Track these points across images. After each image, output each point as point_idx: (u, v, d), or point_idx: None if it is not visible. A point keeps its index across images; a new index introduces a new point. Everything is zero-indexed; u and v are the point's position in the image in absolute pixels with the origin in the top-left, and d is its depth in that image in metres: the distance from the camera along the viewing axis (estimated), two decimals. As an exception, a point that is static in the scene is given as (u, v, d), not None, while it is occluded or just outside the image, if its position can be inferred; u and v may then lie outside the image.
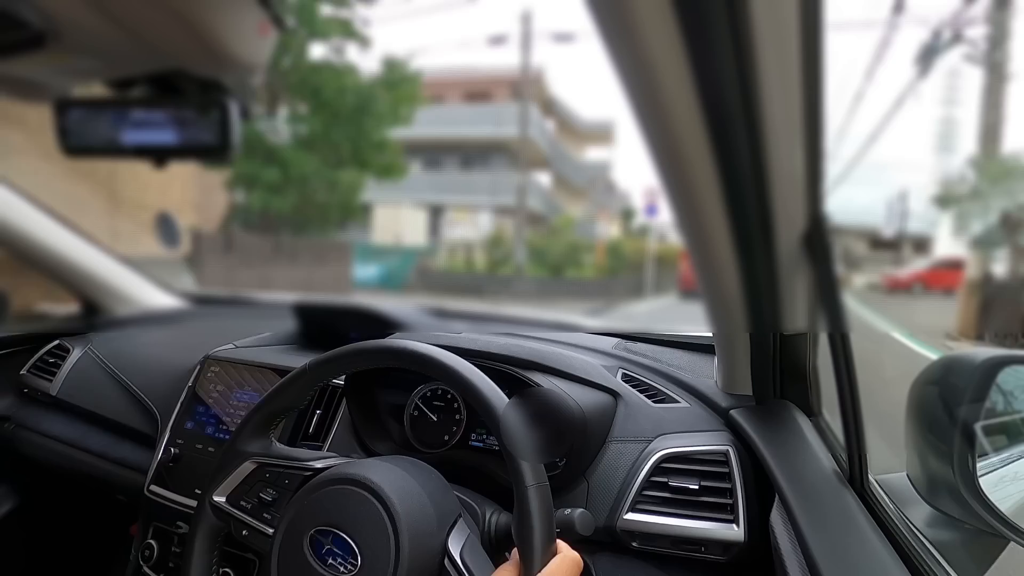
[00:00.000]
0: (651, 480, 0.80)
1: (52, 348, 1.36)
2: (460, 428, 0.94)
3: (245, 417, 0.74)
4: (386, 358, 0.72)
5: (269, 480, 0.72)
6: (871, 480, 0.68)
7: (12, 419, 1.32)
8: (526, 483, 0.59)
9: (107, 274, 1.35)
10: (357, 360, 0.72)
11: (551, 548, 0.58)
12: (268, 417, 0.74)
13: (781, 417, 0.83)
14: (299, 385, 0.74)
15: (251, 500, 0.72)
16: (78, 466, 1.23)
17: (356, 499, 0.63)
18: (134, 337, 1.35)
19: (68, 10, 0.39)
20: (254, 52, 0.45)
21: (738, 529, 0.76)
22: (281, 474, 0.72)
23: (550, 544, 0.58)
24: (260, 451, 0.74)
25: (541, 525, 0.58)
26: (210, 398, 1.09)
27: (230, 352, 1.15)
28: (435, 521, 0.63)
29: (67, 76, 0.49)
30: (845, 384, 0.63)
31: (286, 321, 1.28)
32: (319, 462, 0.71)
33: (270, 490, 0.72)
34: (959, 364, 0.65)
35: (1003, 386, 0.63)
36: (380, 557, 0.60)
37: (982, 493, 0.61)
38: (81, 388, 1.27)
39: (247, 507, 0.72)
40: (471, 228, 16.43)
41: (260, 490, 0.72)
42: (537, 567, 0.56)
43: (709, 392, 0.93)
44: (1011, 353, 0.64)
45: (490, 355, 0.92)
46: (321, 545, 0.62)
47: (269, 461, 0.73)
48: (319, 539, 0.62)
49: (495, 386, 0.65)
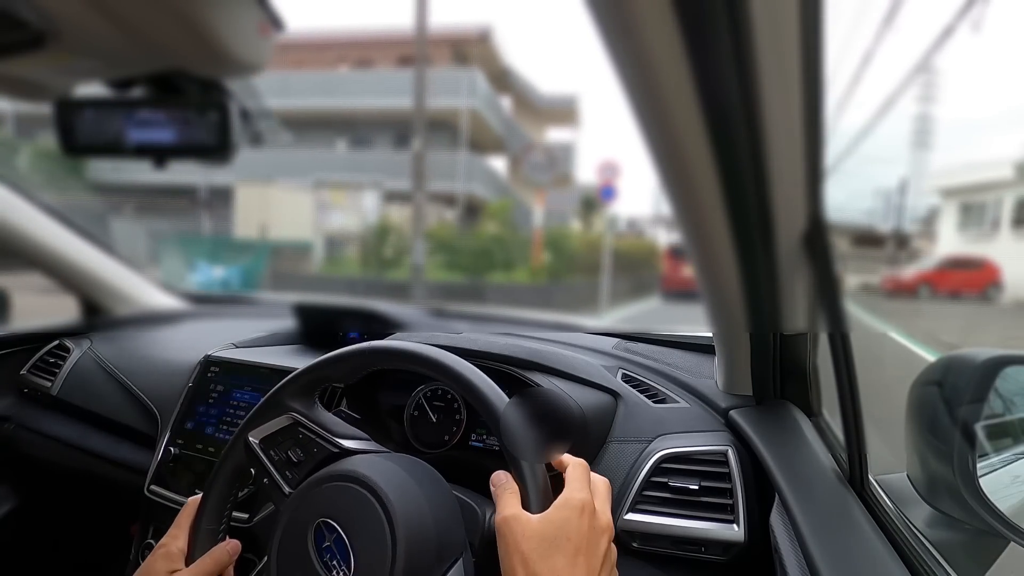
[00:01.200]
0: (651, 480, 0.80)
1: (52, 348, 1.36)
2: (460, 428, 0.94)
3: (295, 373, 0.73)
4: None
5: (301, 442, 0.72)
6: (871, 480, 0.68)
7: (12, 419, 1.32)
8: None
9: (107, 274, 1.35)
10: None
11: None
12: (314, 381, 0.73)
13: (781, 417, 0.83)
14: (352, 364, 0.73)
15: (280, 454, 0.72)
16: (78, 466, 1.23)
17: (357, 499, 0.63)
18: (134, 337, 1.35)
19: (68, 10, 0.39)
20: (254, 52, 0.45)
21: (738, 529, 0.76)
22: (312, 440, 0.71)
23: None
24: (301, 409, 0.73)
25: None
26: (210, 398, 1.09)
27: (230, 352, 1.15)
28: (432, 526, 0.63)
29: (67, 76, 0.49)
30: (845, 384, 0.63)
31: (286, 321, 1.28)
32: (350, 442, 0.70)
33: (299, 451, 0.71)
34: (959, 364, 0.65)
35: (1004, 386, 0.63)
36: (376, 565, 0.60)
37: (982, 493, 0.61)
38: (81, 388, 1.27)
39: (275, 458, 0.72)
40: (354, 215, 12.43)
41: (289, 448, 0.72)
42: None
43: (709, 392, 0.93)
44: (1012, 353, 0.64)
45: (490, 355, 0.92)
46: (323, 539, 0.62)
47: (305, 422, 0.72)
48: (322, 532, 0.62)
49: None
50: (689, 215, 0.48)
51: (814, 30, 0.36)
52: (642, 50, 0.35)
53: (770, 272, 0.52)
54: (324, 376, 0.73)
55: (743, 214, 0.46)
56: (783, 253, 0.51)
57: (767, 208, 0.46)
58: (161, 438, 1.09)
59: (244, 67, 0.46)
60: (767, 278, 0.53)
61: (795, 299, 0.55)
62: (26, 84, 0.49)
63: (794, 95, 0.39)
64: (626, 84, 0.37)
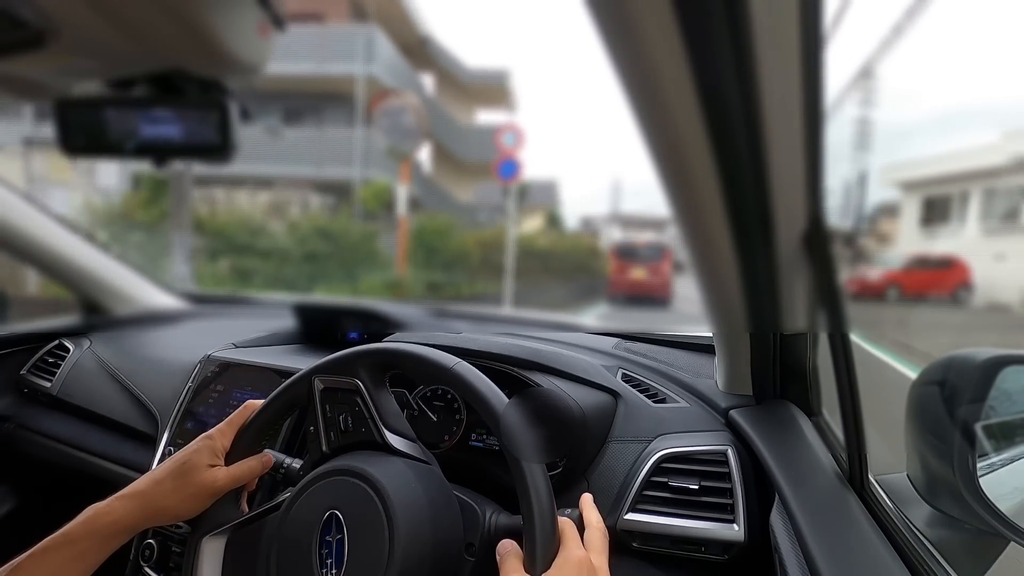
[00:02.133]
0: (651, 480, 0.80)
1: (52, 348, 1.36)
2: (460, 428, 0.94)
3: (373, 347, 0.71)
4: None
5: (356, 413, 0.70)
6: (871, 480, 0.68)
7: (12, 419, 1.32)
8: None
9: (107, 274, 1.35)
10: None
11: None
12: (386, 364, 0.72)
13: (781, 417, 0.83)
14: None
15: (334, 412, 0.71)
16: (78, 466, 1.22)
17: (359, 493, 0.63)
18: (134, 337, 1.35)
19: (68, 10, 0.39)
20: (254, 52, 0.45)
21: (738, 529, 0.76)
22: (364, 419, 0.70)
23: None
24: (367, 382, 0.71)
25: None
26: (210, 398, 1.09)
27: (230, 352, 1.15)
28: (429, 525, 0.63)
29: (67, 76, 0.49)
30: (845, 384, 0.63)
31: (286, 321, 1.28)
32: (398, 439, 0.69)
33: (350, 421, 0.71)
34: (959, 364, 0.65)
35: (1003, 386, 0.63)
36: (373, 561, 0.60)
37: (982, 493, 0.61)
38: (81, 388, 1.27)
39: (327, 414, 0.71)
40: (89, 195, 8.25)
41: (343, 413, 0.71)
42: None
43: (709, 392, 0.93)
44: (1011, 353, 0.64)
45: (490, 355, 0.92)
46: (329, 531, 0.63)
47: (366, 396, 0.70)
48: (330, 524, 0.63)
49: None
50: (689, 215, 0.48)
51: (814, 30, 0.36)
52: (642, 50, 0.35)
53: (770, 272, 0.52)
54: (393, 364, 0.72)
55: (743, 214, 0.46)
56: (783, 253, 0.51)
57: (767, 208, 0.46)
58: (161, 438, 1.09)
59: (244, 67, 0.46)
60: (767, 278, 0.53)
61: (795, 299, 0.55)
62: (26, 84, 0.49)
63: (794, 95, 0.39)
64: (626, 84, 0.37)
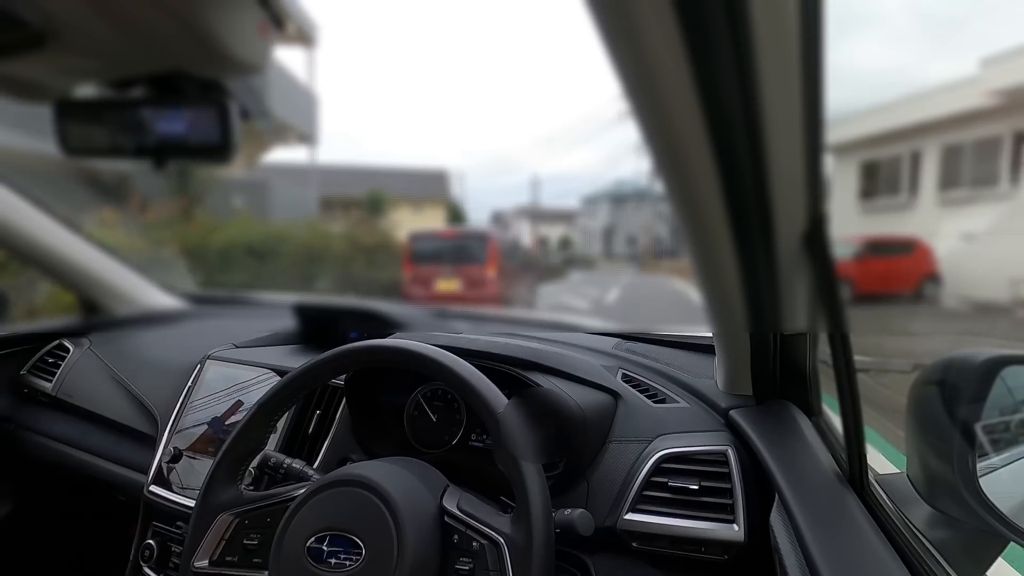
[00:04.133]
0: (651, 480, 0.80)
1: (52, 348, 1.36)
2: (460, 428, 0.94)
3: (209, 471, 0.72)
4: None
5: (250, 526, 0.70)
6: (871, 480, 0.68)
7: (12, 419, 1.32)
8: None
9: (107, 274, 1.35)
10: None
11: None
12: (235, 463, 0.72)
13: (781, 417, 0.83)
14: (257, 422, 0.73)
15: (235, 554, 0.70)
16: (78, 466, 1.22)
17: (357, 499, 0.63)
18: (134, 337, 1.35)
19: (68, 10, 0.39)
20: (254, 52, 0.45)
21: (738, 529, 0.75)
22: (262, 515, 0.70)
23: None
24: (232, 502, 0.70)
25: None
26: (210, 399, 1.09)
27: (230, 352, 1.15)
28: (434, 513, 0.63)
29: (67, 76, 0.49)
30: (845, 384, 0.63)
31: (286, 321, 1.28)
32: (300, 491, 0.69)
33: (253, 535, 0.70)
34: (959, 364, 0.65)
35: (1003, 386, 0.63)
36: (384, 548, 0.60)
37: (982, 493, 0.61)
38: (81, 388, 1.27)
39: (233, 561, 0.70)
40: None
41: (243, 539, 0.70)
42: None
43: (709, 392, 0.92)
44: (1011, 353, 0.64)
45: (490, 355, 0.92)
46: (320, 552, 0.62)
47: (245, 508, 0.70)
48: (317, 546, 0.63)
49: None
50: (689, 215, 0.48)
51: (814, 30, 0.36)
52: (642, 50, 0.35)
53: (770, 272, 0.52)
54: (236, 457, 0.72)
55: (743, 214, 0.46)
56: (783, 253, 0.51)
57: (767, 208, 0.46)
58: (161, 438, 1.09)
59: (244, 67, 0.46)
60: (767, 278, 0.53)
61: (795, 299, 0.55)
62: (26, 84, 0.49)
63: (794, 95, 0.39)
64: (626, 84, 0.37)
